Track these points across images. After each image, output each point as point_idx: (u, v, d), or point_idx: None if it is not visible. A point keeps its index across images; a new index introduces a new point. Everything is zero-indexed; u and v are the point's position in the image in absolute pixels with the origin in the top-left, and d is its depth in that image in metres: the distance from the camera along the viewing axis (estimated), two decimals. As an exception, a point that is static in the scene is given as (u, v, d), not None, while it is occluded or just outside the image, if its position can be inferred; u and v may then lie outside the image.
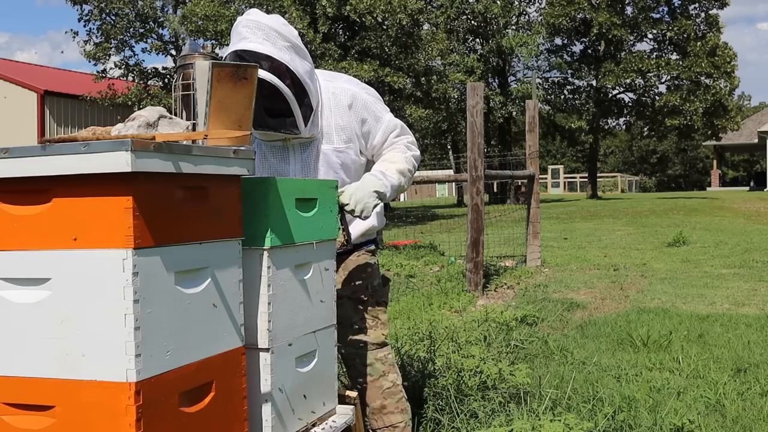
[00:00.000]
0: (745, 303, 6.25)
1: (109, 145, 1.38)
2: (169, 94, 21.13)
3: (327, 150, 2.47)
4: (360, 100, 2.52)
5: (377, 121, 2.55)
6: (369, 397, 2.58)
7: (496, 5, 27.26)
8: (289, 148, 2.46)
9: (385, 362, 2.59)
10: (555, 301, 6.38)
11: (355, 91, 2.52)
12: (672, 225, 14.53)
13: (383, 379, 2.58)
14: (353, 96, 2.51)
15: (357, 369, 2.59)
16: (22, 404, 1.48)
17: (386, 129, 2.56)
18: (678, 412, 3.22)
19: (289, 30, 2.34)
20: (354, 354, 2.58)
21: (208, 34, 21.07)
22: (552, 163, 46.20)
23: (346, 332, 2.57)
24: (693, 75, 28.50)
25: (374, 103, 2.55)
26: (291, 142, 2.45)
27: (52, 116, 23.63)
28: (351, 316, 2.56)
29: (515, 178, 10.09)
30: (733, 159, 55.82)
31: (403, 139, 2.60)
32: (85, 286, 1.43)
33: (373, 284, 2.61)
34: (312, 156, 2.46)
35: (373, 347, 2.58)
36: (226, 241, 1.66)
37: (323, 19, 20.41)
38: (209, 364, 1.60)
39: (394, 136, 2.59)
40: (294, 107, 2.30)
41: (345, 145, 2.49)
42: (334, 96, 2.48)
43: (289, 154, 2.46)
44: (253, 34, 2.27)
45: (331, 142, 2.47)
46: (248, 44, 2.26)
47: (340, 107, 2.48)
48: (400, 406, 2.59)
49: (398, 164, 2.52)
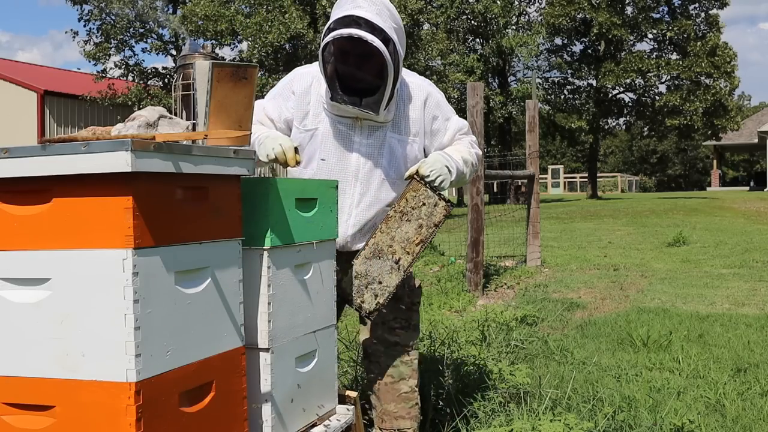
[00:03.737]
0: (745, 303, 6.25)
1: (109, 145, 1.38)
2: (169, 94, 21.13)
3: (394, 139, 2.47)
4: (433, 98, 2.54)
5: (447, 120, 2.57)
6: (383, 396, 2.55)
7: (496, 5, 27.27)
8: (356, 129, 2.44)
9: (410, 366, 2.56)
10: (555, 301, 6.38)
11: (430, 89, 2.54)
12: (672, 225, 14.52)
13: (403, 383, 2.55)
14: (428, 93, 2.52)
15: (380, 366, 2.56)
16: (22, 404, 1.48)
17: (455, 129, 2.58)
18: (678, 412, 3.21)
19: (396, 13, 2.36)
20: (381, 352, 2.56)
21: (208, 34, 21.07)
22: (552, 163, 46.21)
23: (379, 329, 2.55)
24: (693, 75, 28.52)
25: (445, 104, 2.58)
26: (361, 123, 2.42)
27: (52, 116, 23.62)
28: (387, 313, 2.54)
29: (515, 178, 10.09)
30: (733, 159, 55.82)
31: (468, 137, 2.63)
32: (85, 286, 1.43)
33: (410, 284, 2.58)
34: (378, 141, 2.45)
35: (402, 349, 2.55)
36: (226, 241, 1.66)
37: (323, 19, 20.40)
38: (209, 364, 1.60)
39: (461, 134, 2.61)
40: (388, 87, 2.30)
41: (412, 138, 2.50)
42: (409, 89, 2.50)
43: (354, 135, 2.44)
44: (368, 5, 2.27)
45: (398, 131, 2.47)
46: (363, 12, 2.25)
47: (414, 100, 2.49)
48: (412, 412, 2.56)
49: (463, 153, 2.54)
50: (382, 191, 2.48)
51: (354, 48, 2.29)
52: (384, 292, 2.39)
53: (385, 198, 2.49)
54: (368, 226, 2.50)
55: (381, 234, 2.40)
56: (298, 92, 2.46)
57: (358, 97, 2.34)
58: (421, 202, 2.40)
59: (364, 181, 2.46)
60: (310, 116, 2.46)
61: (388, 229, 2.40)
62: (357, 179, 2.46)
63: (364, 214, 2.48)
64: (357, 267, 2.39)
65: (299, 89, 2.46)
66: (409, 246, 2.39)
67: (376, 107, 2.34)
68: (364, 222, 2.49)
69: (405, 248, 2.39)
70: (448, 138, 2.57)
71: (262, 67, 20.99)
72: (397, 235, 2.40)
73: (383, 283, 2.39)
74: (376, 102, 2.33)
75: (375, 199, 2.48)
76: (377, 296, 2.39)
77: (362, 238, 2.50)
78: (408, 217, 2.40)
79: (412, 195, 2.41)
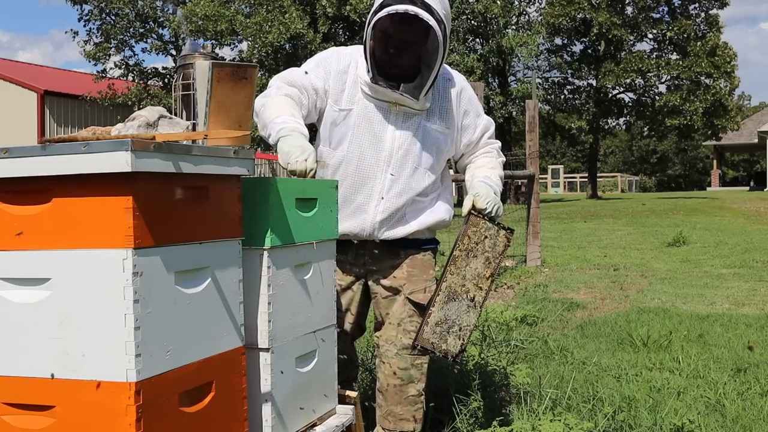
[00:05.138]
0: (745, 303, 6.25)
1: (109, 145, 1.38)
2: (169, 94, 21.13)
3: (429, 127, 2.45)
4: (467, 93, 2.53)
5: (477, 116, 2.56)
6: (390, 398, 2.52)
7: (496, 5, 27.24)
8: (391, 114, 2.41)
9: (420, 370, 2.53)
10: (555, 301, 6.38)
11: (464, 84, 2.54)
12: (672, 225, 14.53)
13: (411, 386, 2.51)
14: (462, 87, 2.52)
15: (390, 367, 2.52)
16: (22, 404, 1.48)
17: (484, 127, 2.58)
18: (678, 412, 3.22)
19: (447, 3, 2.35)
20: (393, 354, 2.51)
21: (208, 34, 21.08)
22: (552, 163, 46.21)
23: (392, 330, 2.52)
24: (693, 75, 28.52)
25: (476, 100, 2.58)
26: (396, 108, 2.40)
27: (52, 116, 23.62)
28: (401, 315, 2.51)
29: (515, 178, 10.09)
30: (733, 159, 55.82)
31: (495, 143, 2.63)
32: (85, 286, 1.42)
33: (430, 288, 2.54)
34: (413, 129, 2.43)
35: (414, 352, 2.51)
36: (226, 241, 1.66)
37: (323, 19, 20.40)
38: (209, 364, 1.60)
39: (488, 136, 2.60)
40: (433, 71, 2.30)
41: (446, 129, 2.48)
42: (447, 80, 2.49)
43: (389, 121, 2.42)
44: None
45: (433, 121, 2.45)
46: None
47: (449, 92, 2.48)
48: (417, 415, 2.54)
49: (497, 170, 2.58)
50: (413, 180, 2.44)
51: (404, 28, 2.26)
52: (466, 332, 2.39)
53: (415, 187, 2.45)
54: (397, 215, 2.46)
55: (451, 276, 2.39)
56: (337, 70, 2.43)
57: (396, 82, 2.33)
58: (483, 236, 2.41)
59: (396, 168, 2.42)
60: (345, 96, 2.43)
61: (457, 269, 2.40)
62: (389, 165, 2.42)
63: (394, 201, 2.44)
64: (435, 314, 2.38)
65: (338, 68, 2.43)
66: (481, 281, 2.40)
67: (417, 93, 2.33)
68: (394, 210, 2.45)
69: (477, 284, 2.40)
70: (477, 136, 2.56)
71: (262, 67, 20.99)
72: (468, 274, 2.39)
73: (463, 324, 2.39)
74: (417, 87, 2.32)
75: (406, 187, 2.44)
76: (460, 338, 2.39)
77: (389, 228, 2.46)
78: (474, 253, 2.40)
79: (473, 230, 2.41)
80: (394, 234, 2.48)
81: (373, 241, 2.48)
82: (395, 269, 2.52)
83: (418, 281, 2.52)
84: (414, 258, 2.53)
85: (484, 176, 2.52)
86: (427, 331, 2.37)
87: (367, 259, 2.53)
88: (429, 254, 2.59)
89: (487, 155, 2.60)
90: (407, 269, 2.52)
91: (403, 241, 2.51)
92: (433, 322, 2.38)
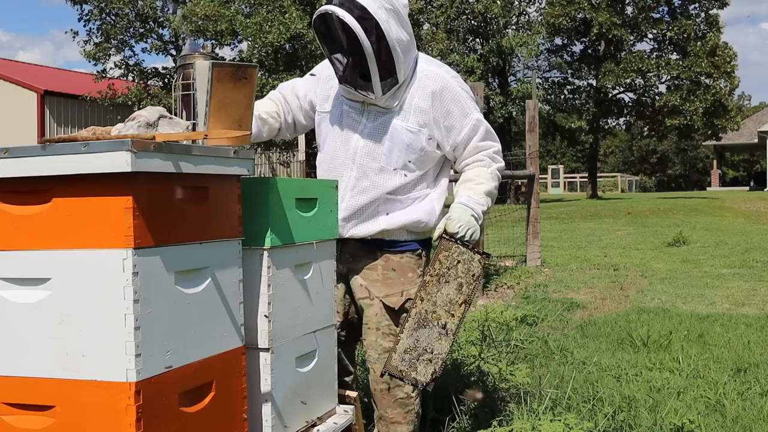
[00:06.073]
0: (745, 303, 6.25)
1: (109, 145, 1.38)
2: (169, 94, 21.12)
3: (399, 125, 2.41)
4: (450, 91, 2.44)
5: (464, 116, 2.45)
6: (380, 402, 2.51)
7: (496, 5, 27.23)
8: (365, 112, 2.43)
9: None
10: (555, 301, 6.38)
11: (449, 81, 2.45)
12: (672, 225, 14.52)
13: (398, 389, 2.48)
14: (445, 85, 2.44)
15: (374, 372, 2.49)
16: (22, 404, 1.48)
17: (472, 128, 2.47)
18: (678, 412, 3.21)
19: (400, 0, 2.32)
20: (375, 359, 2.48)
21: (208, 34, 21.07)
22: (552, 163, 46.17)
23: (372, 335, 2.48)
24: (693, 75, 28.50)
25: (465, 99, 2.47)
26: (367, 106, 2.42)
27: (52, 116, 23.62)
28: (380, 320, 2.47)
29: (515, 177, 10.09)
30: (733, 159, 55.80)
31: (488, 149, 2.51)
32: (85, 286, 1.43)
33: (408, 291, 2.46)
34: (381, 126, 2.42)
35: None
36: (226, 241, 1.66)
37: (323, 19, 20.36)
38: (209, 364, 1.60)
39: (479, 139, 2.49)
40: (372, 67, 2.27)
41: (418, 128, 2.42)
42: (424, 77, 2.43)
43: (362, 118, 2.43)
44: None
45: (405, 120, 2.42)
46: None
47: (424, 89, 2.42)
48: (409, 417, 2.51)
49: (485, 185, 2.47)
50: (380, 178, 2.42)
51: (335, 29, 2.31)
52: (437, 360, 2.30)
53: (383, 185, 2.42)
54: (366, 213, 2.43)
55: (421, 302, 2.31)
56: (325, 76, 2.52)
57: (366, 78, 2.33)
58: (455, 260, 2.32)
59: (360, 165, 2.42)
60: (329, 100, 2.51)
61: (428, 295, 2.31)
62: (354, 162, 2.43)
63: (357, 198, 2.42)
64: (403, 341, 2.30)
65: (327, 73, 2.50)
66: (453, 308, 2.30)
67: (370, 90, 2.33)
68: (357, 207, 2.43)
69: (449, 311, 2.30)
70: (463, 138, 2.46)
71: (262, 67, 20.99)
72: (439, 300, 2.31)
73: (434, 351, 2.30)
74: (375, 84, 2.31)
75: (371, 185, 2.42)
76: (431, 366, 2.30)
77: (355, 226, 2.44)
78: (446, 278, 2.31)
79: (444, 255, 2.32)
80: (359, 232, 2.45)
81: (353, 239, 2.47)
82: (371, 270, 2.49)
83: (394, 284, 2.47)
84: (390, 259, 2.49)
85: (467, 197, 2.45)
86: (395, 358, 2.30)
87: (348, 257, 2.51)
88: (408, 256, 2.51)
89: (479, 165, 2.50)
90: (382, 271, 2.48)
91: (381, 242, 2.48)
92: (401, 349, 2.30)
